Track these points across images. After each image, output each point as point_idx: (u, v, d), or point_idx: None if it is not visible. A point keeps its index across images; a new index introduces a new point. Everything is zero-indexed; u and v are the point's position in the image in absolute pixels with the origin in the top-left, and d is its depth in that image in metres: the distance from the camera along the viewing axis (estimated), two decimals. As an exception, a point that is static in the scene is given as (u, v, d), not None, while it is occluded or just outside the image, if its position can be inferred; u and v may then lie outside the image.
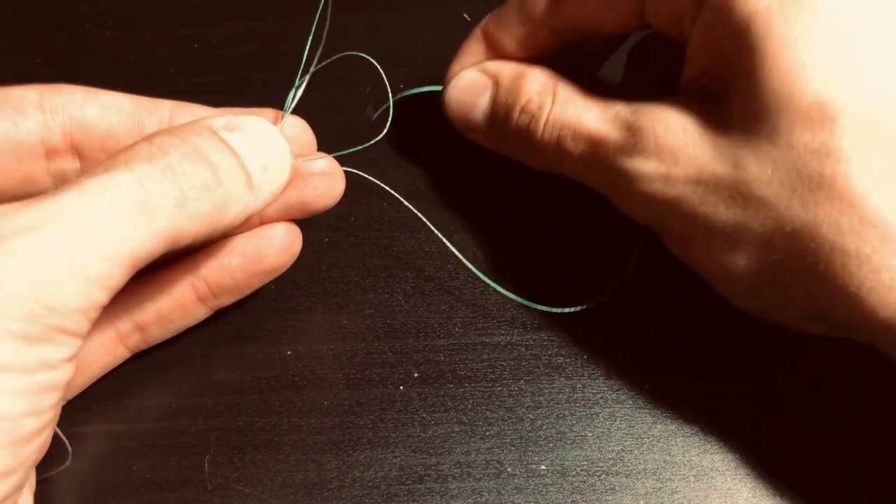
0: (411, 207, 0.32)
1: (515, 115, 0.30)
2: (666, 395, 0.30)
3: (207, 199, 0.24)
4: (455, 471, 0.29)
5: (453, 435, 0.30)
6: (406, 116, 0.35)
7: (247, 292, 0.30)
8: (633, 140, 0.27)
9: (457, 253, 0.31)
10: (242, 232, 0.29)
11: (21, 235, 0.21)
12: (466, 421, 0.30)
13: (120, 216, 0.22)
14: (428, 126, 0.35)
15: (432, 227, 0.32)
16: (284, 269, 0.30)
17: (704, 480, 0.29)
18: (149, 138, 0.25)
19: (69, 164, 0.28)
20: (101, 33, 0.39)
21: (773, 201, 0.25)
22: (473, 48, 0.33)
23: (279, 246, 0.29)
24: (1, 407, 0.21)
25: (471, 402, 0.30)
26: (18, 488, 0.22)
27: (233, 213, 0.25)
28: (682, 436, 0.29)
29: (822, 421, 0.29)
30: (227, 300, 0.30)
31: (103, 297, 0.22)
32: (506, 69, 0.31)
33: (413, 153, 0.35)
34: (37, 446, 0.22)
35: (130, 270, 0.23)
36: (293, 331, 0.32)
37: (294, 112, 0.30)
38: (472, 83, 0.32)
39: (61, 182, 0.28)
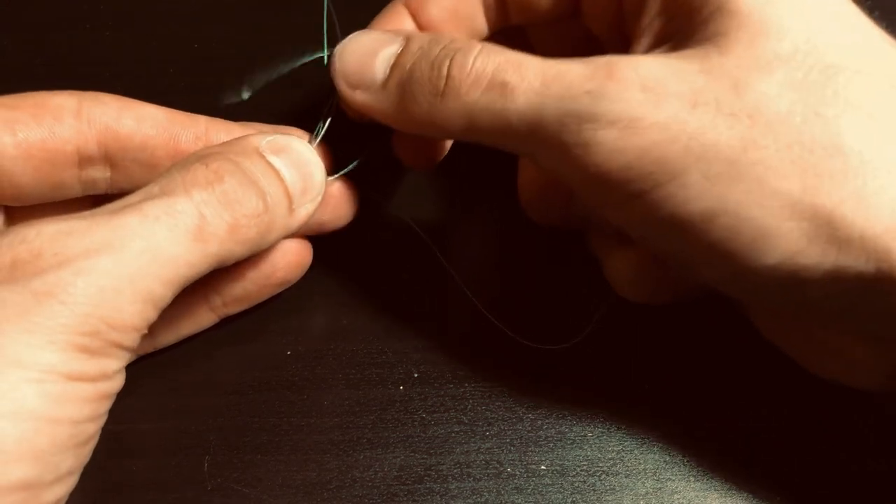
0: (421, 233, 0.32)
1: (434, 52, 0.25)
2: (666, 396, 0.30)
3: (256, 225, 0.25)
4: (455, 471, 0.29)
5: (453, 435, 0.30)
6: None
7: (255, 302, 0.30)
8: (605, 71, 0.23)
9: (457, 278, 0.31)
10: None
11: (89, 257, 0.22)
12: (466, 421, 0.30)
13: (178, 242, 0.24)
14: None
15: (441, 258, 0.32)
16: (294, 282, 0.31)
17: (704, 480, 0.29)
18: (204, 160, 0.25)
19: (100, 172, 0.28)
20: (101, 33, 0.39)
21: (785, 117, 0.22)
22: (394, 20, 0.29)
23: (291, 260, 0.30)
24: (71, 413, 0.22)
25: (471, 402, 0.30)
26: (72, 487, 0.24)
27: (274, 235, 0.26)
28: (682, 436, 0.29)
29: (821, 421, 0.29)
30: (235, 309, 0.30)
31: (155, 316, 0.24)
32: (418, 32, 0.28)
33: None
34: (90, 449, 0.24)
35: (179, 289, 0.25)
36: (293, 331, 0.32)
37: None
38: (374, 38, 0.27)
39: (91, 190, 0.29)
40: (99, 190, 0.29)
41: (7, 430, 0.21)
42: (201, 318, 0.30)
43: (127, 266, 0.23)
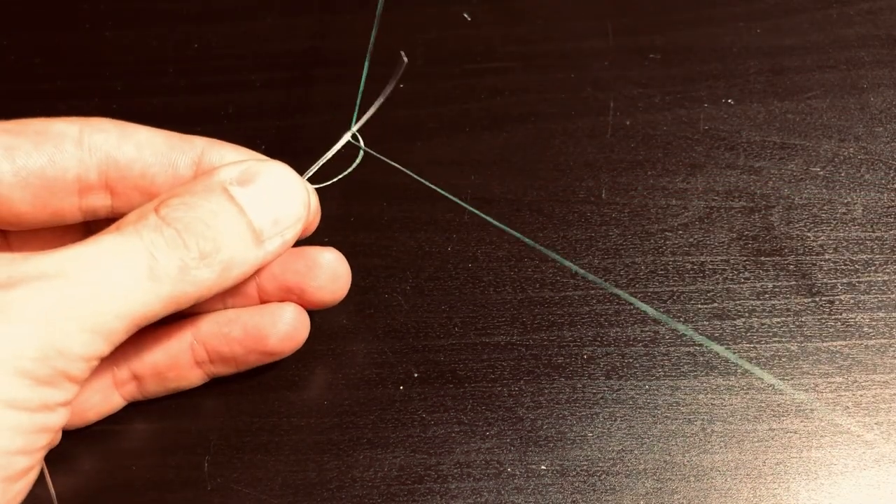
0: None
1: None
2: (666, 395, 0.30)
3: (208, 265, 0.25)
4: (455, 471, 0.29)
5: (453, 435, 0.30)
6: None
7: (244, 367, 0.30)
8: None
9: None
10: (246, 305, 0.29)
11: (43, 279, 0.22)
12: (466, 421, 0.30)
13: (130, 277, 0.24)
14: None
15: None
16: (286, 355, 0.30)
17: (704, 480, 0.29)
18: (157, 207, 0.25)
19: (101, 200, 0.28)
20: (101, 33, 0.39)
21: None
22: None
23: (282, 330, 0.29)
24: (1, 442, 0.22)
25: (471, 402, 0.30)
26: None
27: (237, 273, 0.26)
28: (682, 436, 0.29)
29: (818, 419, 0.29)
30: (223, 370, 0.30)
31: (105, 349, 0.24)
32: None
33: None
34: (23, 486, 0.23)
35: (133, 328, 0.24)
36: (293, 331, 0.32)
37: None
38: None
39: (91, 217, 0.28)
40: (99, 217, 0.28)
41: None
42: (188, 373, 0.29)
43: (79, 293, 0.23)
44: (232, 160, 0.28)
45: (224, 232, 0.26)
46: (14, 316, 0.22)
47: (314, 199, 0.29)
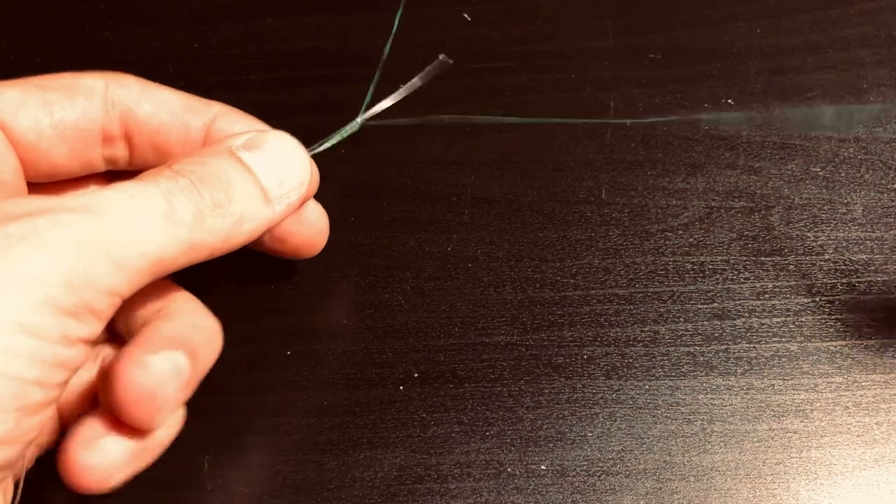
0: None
1: None
2: (666, 395, 0.30)
3: (221, 216, 0.26)
4: (455, 471, 0.29)
5: (453, 435, 0.30)
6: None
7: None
8: None
9: None
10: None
11: (71, 211, 0.23)
12: (466, 421, 0.30)
13: (150, 219, 0.24)
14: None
15: None
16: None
17: (704, 480, 0.29)
18: (170, 165, 0.26)
19: (121, 150, 0.29)
20: (101, 33, 0.39)
21: None
22: None
23: (136, 409, 0.26)
24: (16, 367, 0.22)
25: (471, 402, 0.30)
26: (13, 464, 0.23)
27: (249, 227, 0.27)
28: (682, 436, 0.29)
29: (818, 419, 0.29)
30: None
31: (126, 289, 0.24)
32: None
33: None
34: (36, 423, 0.23)
35: (152, 273, 0.24)
36: (293, 331, 0.32)
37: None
38: None
39: (112, 166, 0.30)
40: (119, 166, 0.30)
41: None
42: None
43: (103, 228, 0.23)
44: (241, 128, 0.29)
45: (235, 186, 0.26)
46: (41, 241, 0.22)
47: (314, 169, 0.29)
